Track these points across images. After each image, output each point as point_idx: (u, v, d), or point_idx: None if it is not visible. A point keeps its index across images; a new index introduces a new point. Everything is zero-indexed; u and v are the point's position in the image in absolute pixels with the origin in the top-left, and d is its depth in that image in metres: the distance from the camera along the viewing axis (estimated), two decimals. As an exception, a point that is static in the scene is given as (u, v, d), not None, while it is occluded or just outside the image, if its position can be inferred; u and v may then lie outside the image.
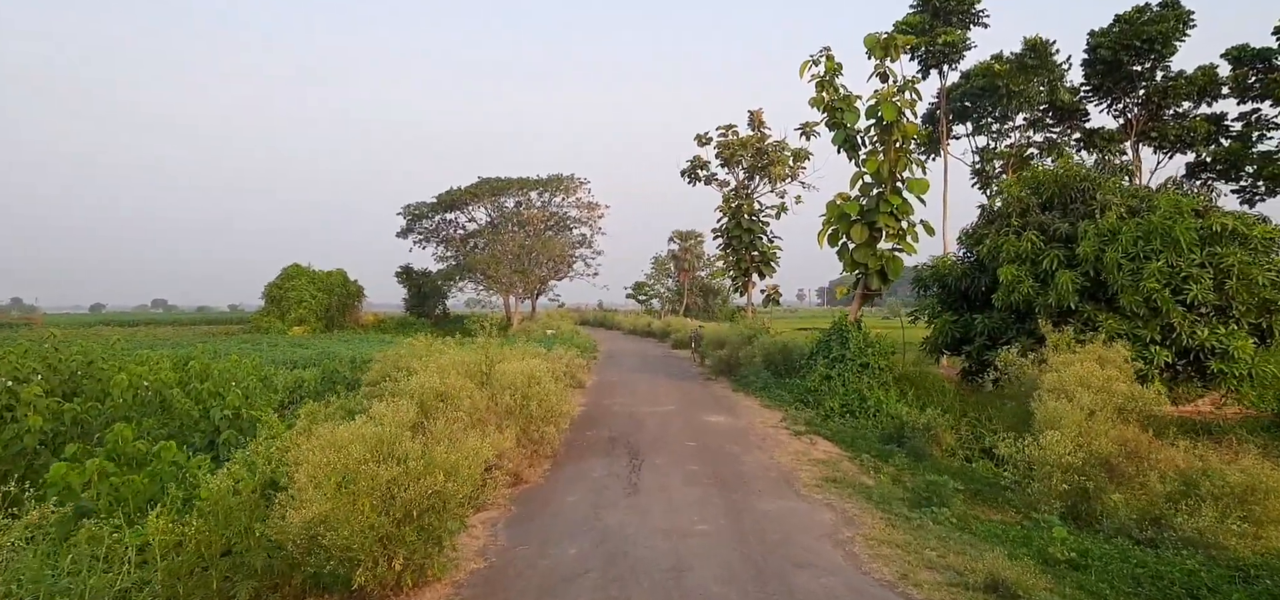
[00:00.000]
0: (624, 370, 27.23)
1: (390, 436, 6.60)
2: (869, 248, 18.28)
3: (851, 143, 18.62)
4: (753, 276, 32.90)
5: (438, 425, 7.70)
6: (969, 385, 18.35)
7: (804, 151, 32.04)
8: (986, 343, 15.89)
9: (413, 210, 71.94)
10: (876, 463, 11.49)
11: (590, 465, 11.26)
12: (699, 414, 16.46)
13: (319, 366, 24.22)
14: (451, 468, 6.65)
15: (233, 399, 13.45)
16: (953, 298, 17.28)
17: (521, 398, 11.13)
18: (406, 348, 15.22)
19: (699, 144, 33.14)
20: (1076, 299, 13.89)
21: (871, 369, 17.49)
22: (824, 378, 17.89)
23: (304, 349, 36.30)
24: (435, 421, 7.96)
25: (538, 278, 68.23)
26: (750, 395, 19.84)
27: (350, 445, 6.27)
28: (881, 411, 16.24)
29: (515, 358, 14.66)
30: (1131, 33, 30.20)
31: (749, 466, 11.10)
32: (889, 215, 17.78)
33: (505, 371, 11.49)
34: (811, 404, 17.41)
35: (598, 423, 15.25)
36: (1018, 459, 8.89)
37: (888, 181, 17.81)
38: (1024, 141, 33.91)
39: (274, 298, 60.19)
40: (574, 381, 21.06)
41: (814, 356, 19.58)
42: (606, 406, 17.57)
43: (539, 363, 14.26)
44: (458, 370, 11.01)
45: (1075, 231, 14.49)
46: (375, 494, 6.21)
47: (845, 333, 18.36)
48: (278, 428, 8.61)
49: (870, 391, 16.74)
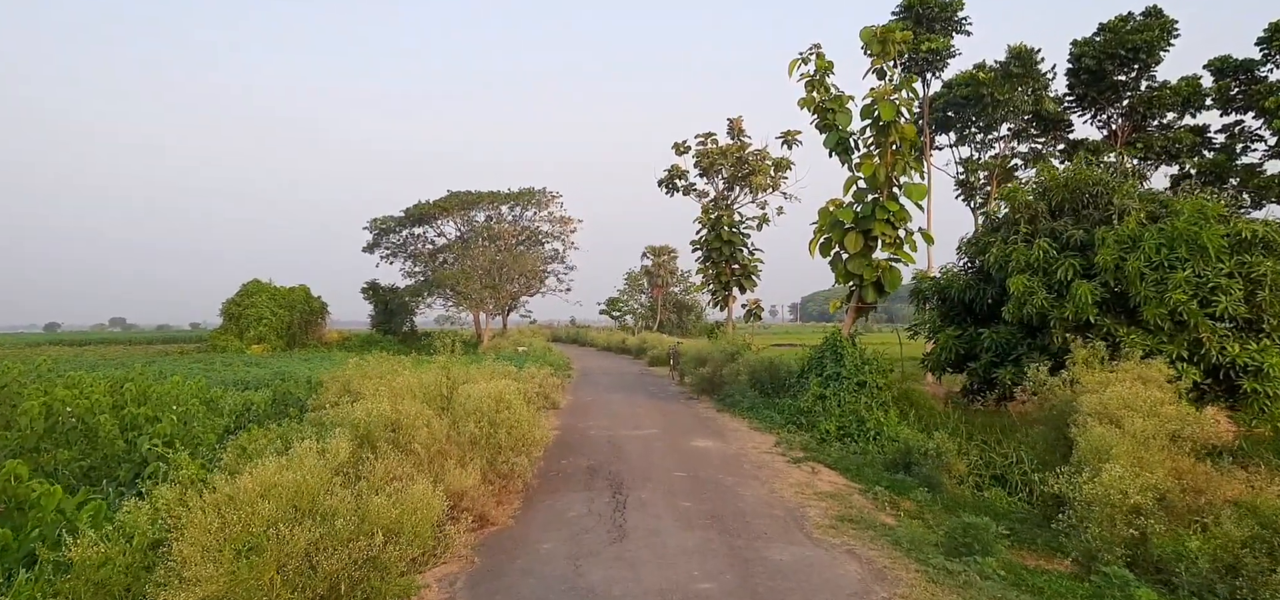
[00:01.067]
0: (600, 390, 25.77)
1: (313, 486, 5.11)
2: (864, 257, 17.11)
3: (844, 146, 17.48)
4: (733, 290, 31.68)
5: (377, 468, 6.19)
6: (969, 405, 17.19)
7: (786, 161, 31.01)
8: (994, 359, 14.73)
9: (380, 224, 69.96)
10: (891, 497, 10.17)
11: (568, 501, 9.80)
12: (685, 438, 15.08)
13: (272, 388, 22.43)
14: (394, 524, 5.19)
15: (163, 427, 11.78)
16: (955, 311, 16.13)
17: (488, 426, 9.66)
18: (353, 368, 13.61)
19: (677, 153, 31.95)
20: (1095, 311, 12.77)
21: (869, 388, 16.26)
22: (818, 398, 16.62)
23: (260, 369, 34.31)
24: (378, 462, 6.45)
25: (509, 293, 66.56)
26: (737, 416, 18.51)
27: (256, 501, 4.77)
28: (882, 435, 14.98)
29: (482, 378, 13.17)
30: (1116, 41, 29.68)
31: (749, 501, 9.72)
32: (885, 223, 16.63)
33: (470, 395, 10.01)
34: (805, 426, 16.12)
35: (575, 449, 13.79)
36: (1075, 498, 7.60)
37: (884, 187, 16.66)
38: (1008, 152, 33.22)
39: (233, 315, 57.74)
40: (548, 403, 19.58)
41: (805, 375, 18.32)
42: (583, 430, 16.12)
43: (508, 384, 12.79)
44: (413, 395, 9.51)
45: (1091, 238, 13.41)
46: (290, 563, 4.72)
47: (840, 349, 17.13)
48: (189, 468, 7.06)
49: (869, 413, 15.49)
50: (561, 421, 17.64)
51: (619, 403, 21.53)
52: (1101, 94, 31.31)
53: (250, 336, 54.94)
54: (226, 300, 58.74)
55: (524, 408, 11.15)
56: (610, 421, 17.46)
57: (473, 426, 9.28)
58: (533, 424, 11.07)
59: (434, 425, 8.69)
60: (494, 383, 11.27)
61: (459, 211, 68.01)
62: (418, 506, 5.47)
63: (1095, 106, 32.05)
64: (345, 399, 10.77)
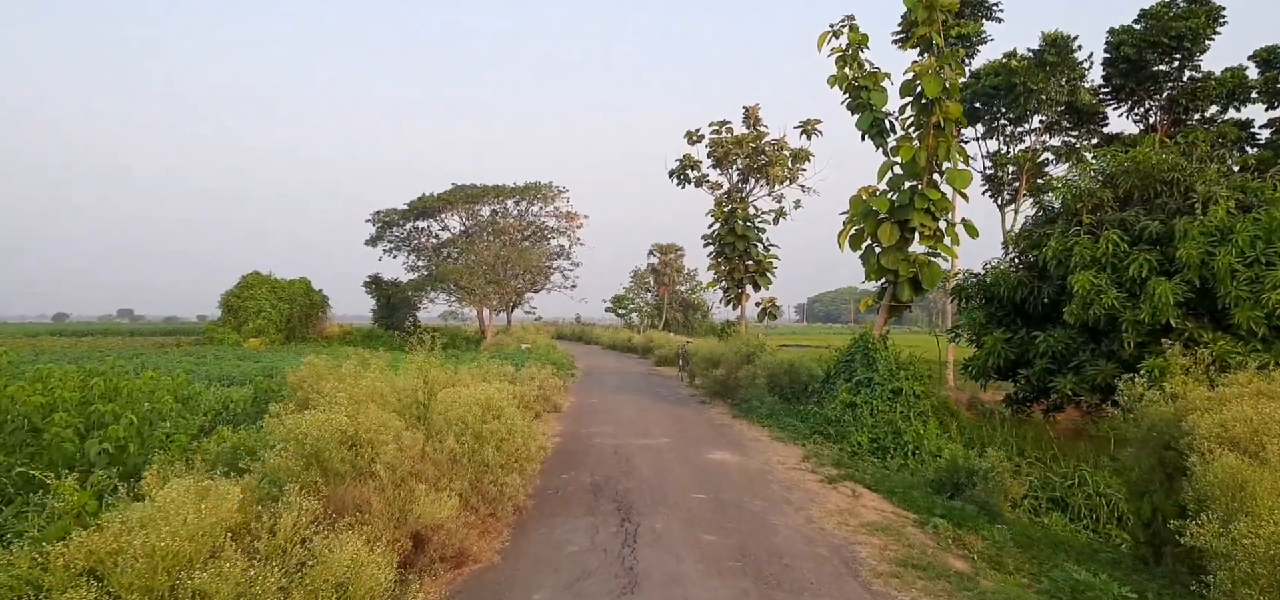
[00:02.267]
0: (606, 391, 24.16)
1: (173, 557, 3.48)
2: (899, 251, 15.44)
3: (879, 128, 15.82)
4: (746, 288, 30.02)
5: (284, 522, 4.55)
6: (1015, 415, 15.54)
7: (804, 151, 29.29)
8: (1049, 366, 13.05)
9: (383, 217, 68.45)
10: (954, 531, 8.52)
11: (567, 530, 8.19)
12: (701, 449, 13.45)
13: (254, 384, 20.87)
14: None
15: (116, 430, 10.22)
16: (1004, 312, 14.45)
17: (473, 440, 8.05)
18: (306, 368, 12.08)
19: (690, 142, 30.28)
20: (1177, 313, 11.09)
21: (905, 396, 14.61)
22: (847, 406, 14.99)
23: (253, 363, 32.93)
24: (297, 503, 4.83)
25: (513, 289, 65.07)
26: (756, 424, 16.86)
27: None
28: (922, 449, 13.33)
29: (472, 380, 11.57)
30: (1158, 29, 27.86)
31: (785, 535, 8.09)
32: (924, 213, 14.96)
33: (452, 403, 8.39)
34: (833, 437, 14.48)
35: (577, 461, 12.18)
36: (1231, 555, 5.93)
37: (924, 173, 15.00)
38: (1039, 145, 31.45)
39: (231, 307, 56.34)
40: (549, 406, 17.98)
41: (831, 380, 16.67)
42: (587, 438, 14.51)
43: (502, 387, 11.19)
44: (383, 402, 7.91)
45: (1170, 230, 11.73)
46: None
47: (871, 351, 15.48)
48: (74, 499, 5.46)
49: (906, 424, 13.85)
50: (563, 427, 16.04)
51: (626, 406, 19.92)
52: (1140, 85, 29.51)
53: (248, 330, 53.55)
54: (225, 292, 57.37)
55: (518, 416, 9.55)
56: (617, 428, 15.85)
57: (453, 441, 7.66)
58: (529, 435, 9.47)
59: (405, 440, 7.08)
60: (482, 387, 9.65)
61: (464, 205, 66.50)
62: (344, 577, 3.90)
63: (1133, 98, 30.26)
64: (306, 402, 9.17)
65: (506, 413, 9.09)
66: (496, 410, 8.96)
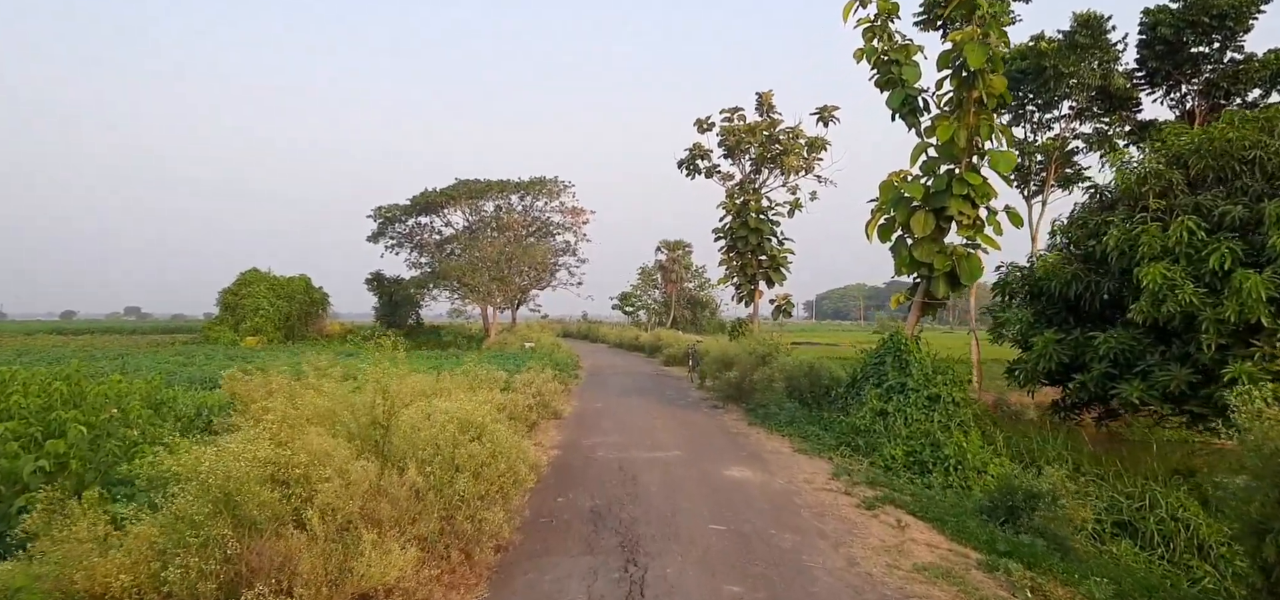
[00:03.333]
0: (611, 394, 22.70)
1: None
2: (934, 242, 13.91)
3: (911, 106, 14.28)
4: (759, 284, 28.49)
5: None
6: (1065, 422, 14.01)
7: (821, 140, 27.73)
8: (1110, 370, 11.52)
9: (385, 213, 67.13)
10: (1031, 578, 7.01)
11: (558, 579, 6.72)
12: (716, 464, 11.98)
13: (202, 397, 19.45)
14: None
15: (57, 445, 8.91)
16: (1054, 309, 12.91)
17: (444, 469, 6.59)
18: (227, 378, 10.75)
19: (700, 130, 28.70)
20: (1269, 311, 9.55)
21: (943, 404, 13.09)
22: (877, 414, 13.48)
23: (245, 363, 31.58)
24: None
25: (517, 286, 63.69)
26: (775, 433, 15.38)
27: None
28: (965, 465, 11.82)
29: (458, 390, 10.15)
30: (1198, 8, 26.11)
31: (826, 587, 6.60)
32: (964, 200, 13.42)
33: (421, 423, 6.93)
34: (862, 450, 12.99)
35: (576, 480, 10.71)
36: None
37: (964, 155, 13.45)
38: (1068, 133, 29.79)
39: (229, 305, 55.10)
40: (548, 412, 16.53)
41: (858, 384, 15.16)
42: (588, 451, 13.05)
43: (489, 398, 9.76)
44: (332, 423, 6.46)
45: (1257, 215, 10.18)
46: None
47: (904, 353, 13.97)
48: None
49: (945, 435, 12.34)
50: (563, 437, 14.58)
51: (632, 411, 18.46)
52: (1177, 68, 27.81)
53: (245, 328, 52.29)
54: (222, 290, 56.16)
55: (506, 434, 8.08)
56: (622, 437, 14.39)
57: (415, 473, 6.20)
58: (518, 455, 8.00)
59: (354, 474, 5.63)
60: (464, 399, 8.20)
61: (467, 200, 65.10)
62: None
63: (1169, 82, 28.56)
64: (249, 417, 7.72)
65: (489, 431, 7.63)
66: (477, 428, 7.51)
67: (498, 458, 7.42)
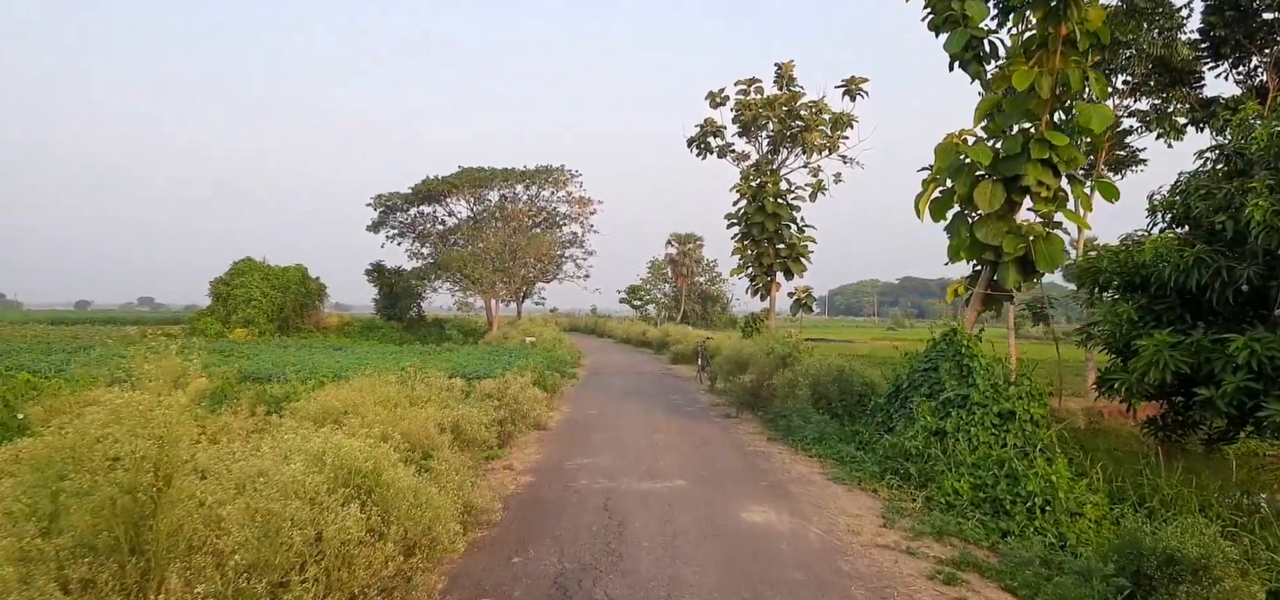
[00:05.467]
0: (610, 398, 20.03)
1: None
2: (1004, 220, 11.14)
3: (975, 50, 11.51)
4: (777, 276, 25.71)
5: None
6: (1166, 442, 11.25)
7: (847, 116, 24.85)
8: (1252, 383, 8.73)
9: (385, 201, 64.76)
10: None
11: None
12: (730, 500, 9.29)
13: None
14: None
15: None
16: (1166, 304, 10.10)
17: (264, 574, 3.90)
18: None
19: (712, 104, 25.89)
20: None
21: (1018, 422, 10.33)
22: (932, 434, 10.74)
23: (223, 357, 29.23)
24: None
25: (522, 278, 61.23)
26: (801, 453, 12.68)
27: None
28: (1055, 506, 9.04)
29: (371, 401, 7.54)
30: (1277, -33, 23.11)
31: None
32: (1043, 166, 10.66)
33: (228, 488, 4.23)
34: (914, 480, 10.26)
35: (543, 524, 8.04)
36: None
37: (1046, 109, 10.69)
38: (1122, 110, 26.80)
39: (220, 295, 52.72)
40: (528, 423, 13.88)
41: (903, 394, 12.42)
42: (569, 477, 10.38)
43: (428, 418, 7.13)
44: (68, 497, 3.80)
45: None
46: None
47: (964, 356, 11.22)
48: None
49: (1024, 465, 9.56)
50: (542, 455, 11.92)
51: (631, 420, 15.78)
52: (1248, 37, 24.79)
53: (235, 320, 49.92)
54: (214, 279, 53.80)
55: (413, 487, 5.41)
56: (614, 458, 11.71)
57: (177, 583, 3.52)
58: (434, 515, 5.34)
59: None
60: (339, 436, 5.53)
61: (470, 189, 62.65)
62: None
63: (1237, 53, 25.53)
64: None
65: (386, 482, 4.96)
66: (364, 479, 4.84)
67: (394, 523, 4.75)
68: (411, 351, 37.00)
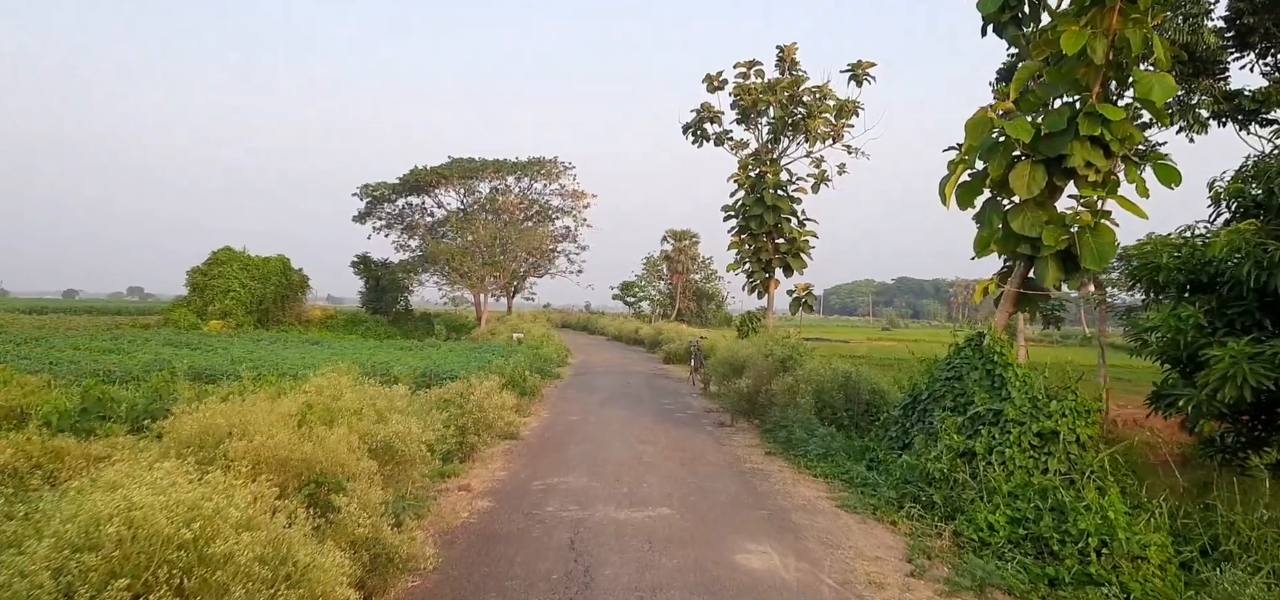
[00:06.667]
0: (595, 400, 18.46)
1: None
2: (1044, 208, 9.60)
3: (1013, 11, 9.97)
4: (776, 272, 24.15)
5: None
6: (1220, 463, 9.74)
7: (852, 103, 23.28)
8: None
9: (372, 191, 62.95)
10: None
11: None
12: (725, 536, 7.73)
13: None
14: None
15: None
16: (1241, 307, 8.56)
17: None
18: None
19: (710, 88, 24.28)
20: None
21: (1062, 444, 8.80)
22: (958, 455, 9.19)
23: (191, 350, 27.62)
24: None
25: (513, 272, 59.57)
26: (802, 471, 11.15)
27: None
28: (1113, 548, 7.49)
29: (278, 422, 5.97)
30: (1314, -51, 21.61)
31: None
32: (1093, 145, 9.14)
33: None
34: (939, 509, 8.73)
35: (493, 567, 6.47)
36: None
37: (1098, 76, 9.15)
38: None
39: (197, 286, 50.85)
40: (495, 433, 12.31)
41: (922, 406, 10.87)
42: (536, 501, 8.80)
43: (340, 439, 5.56)
44: None
45: None
46: None
47: (996, 365, 9.68)
48: None
49: (1073, 498, 8.02)
50: (509, 470, 10.36)
51: (614, 429, 14.21)
52: (1278, 26, 23.34)
53: (212, 311, 48.12)
54: (191, 269, 51.91)
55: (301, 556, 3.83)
56: (590, 477, 10.14)
57: None
58: (311, 595, 3.75)
59: None
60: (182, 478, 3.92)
61: (460, 180, 61.00)
62: None
63: (1266, 42, 24.06)
64: None
65: (214, 558, 3.37)
66: (178, 558, 3.25)
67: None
68: (393, 347, 35.50)
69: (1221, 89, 25.21)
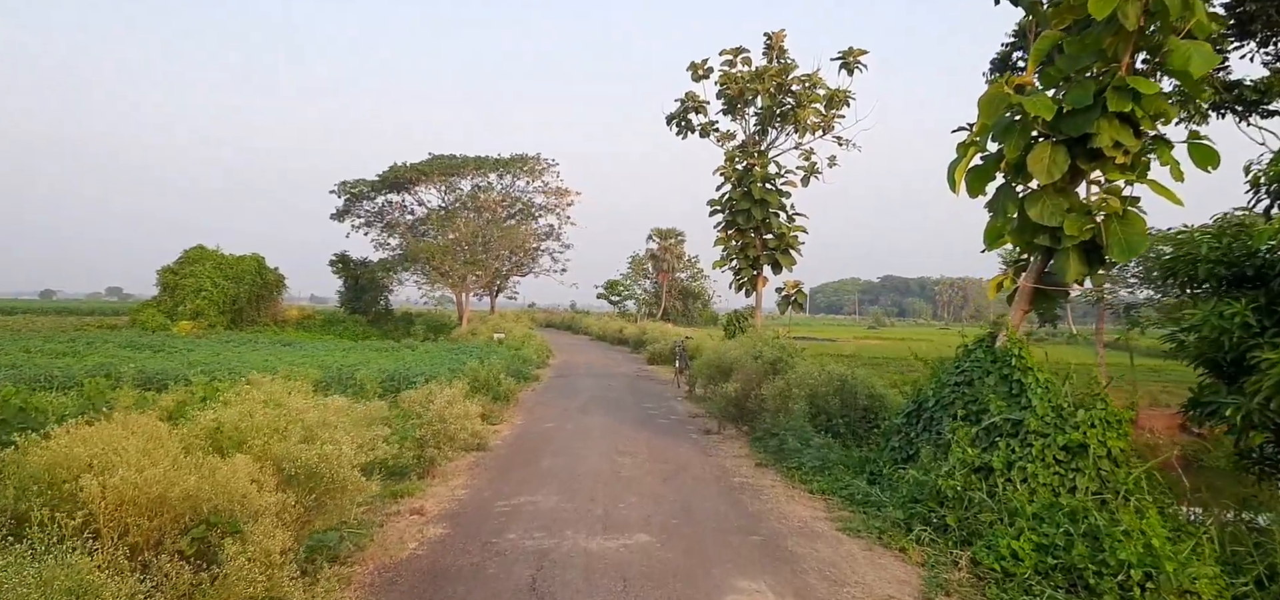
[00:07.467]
0: (574, 404, 17.36)
1: None
2: (1065, 194, 8.61)
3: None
4: (764, 270, 23.14)
5: None
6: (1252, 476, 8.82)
7: (843, 92, 22.29)
8: None
9: (350, 188, 61.48)
10: None
11: None
12: (709, 567, 6.66)
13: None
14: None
15: None
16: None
17: None
18: None
19: (694, 77, 23.20)
20: None
21: (1091, 459, 7.80)
22: (972, 472, 8.19)
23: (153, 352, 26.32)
24: None
25: (495, 271, 58.31)
26: (797, 485, 10.11)
27: None
28: (1158, 582, 6.49)
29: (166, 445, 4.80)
30: (1319, -68, 20.89)
31: None
32: (1122, 123, 8.17)
33: None
34: (953, 533, 7.71)
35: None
36: None
37: (1129, 46, 8.18)
38: (1142, 93, 24.48)
39: (168, 285, 49.24)
40: (459, 445, 11.19)
41: (928, 414, 9.86)
42: (498, 525, 7.70)
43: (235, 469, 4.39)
44: None
45: None
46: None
47: (1013, 369, 8.69)
48: None
49: (1109, 522, 7.02)
50: (470, 489, 9.26)
51: (592, 439, 13.11)
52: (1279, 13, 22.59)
53: (182, 311, 46.55)
54: (161, 268, 50.25)
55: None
56: (562, 496, 9.05)
57: None
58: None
59: None
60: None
61: (441, 177, 59.70)
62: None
63: (1267, 31, 23.33)
64: None
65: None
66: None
67: None
68: (368, 347, 34.25)
69: (1221, 79, 24.48)
